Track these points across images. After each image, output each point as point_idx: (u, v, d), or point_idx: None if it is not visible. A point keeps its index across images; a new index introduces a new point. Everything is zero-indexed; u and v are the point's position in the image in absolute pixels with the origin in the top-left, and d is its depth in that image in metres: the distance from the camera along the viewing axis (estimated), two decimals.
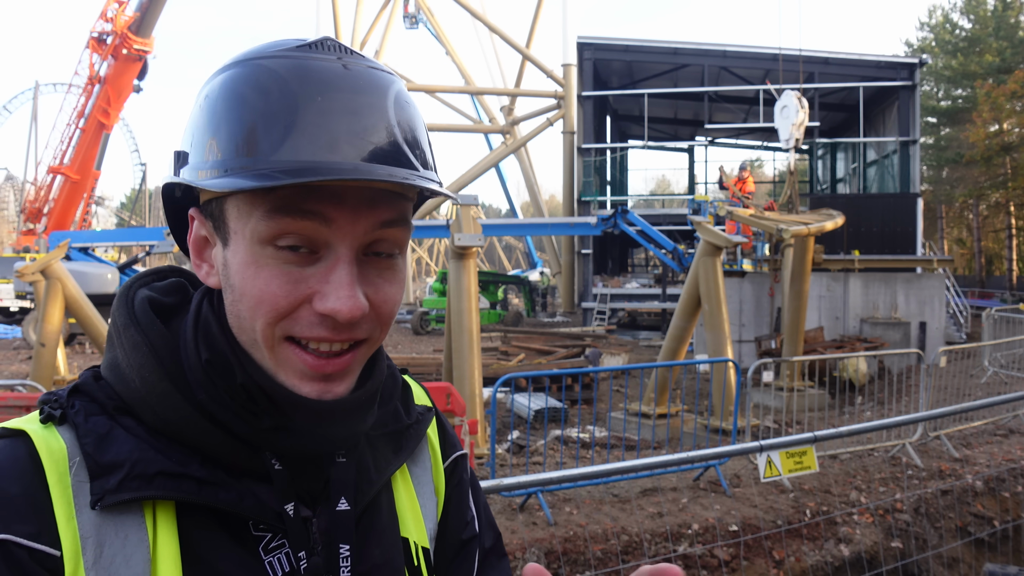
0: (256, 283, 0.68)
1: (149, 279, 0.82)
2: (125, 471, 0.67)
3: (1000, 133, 32.54)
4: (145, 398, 0.71)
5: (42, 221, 30.15)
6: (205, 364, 0.72)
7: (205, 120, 0.69)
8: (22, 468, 0.66)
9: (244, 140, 0.66)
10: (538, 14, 36.99)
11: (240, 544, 0.71)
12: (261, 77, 0.67)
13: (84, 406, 0.71)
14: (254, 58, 0.69)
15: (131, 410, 0.71)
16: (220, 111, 0.68)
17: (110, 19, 27.97)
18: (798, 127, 13.05)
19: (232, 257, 0.70)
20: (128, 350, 0.73)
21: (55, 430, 0.69)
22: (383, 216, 0.70)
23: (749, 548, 4.86)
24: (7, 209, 60.11)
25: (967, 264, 46.26)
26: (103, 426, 0.70)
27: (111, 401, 0.72)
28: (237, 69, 0.69)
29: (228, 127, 0.67)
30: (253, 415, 0.72)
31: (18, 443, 0.68)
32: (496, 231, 31.13)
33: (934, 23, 41.06)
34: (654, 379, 9.10)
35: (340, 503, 0.76)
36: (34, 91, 46.83)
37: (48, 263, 10.15)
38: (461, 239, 7.62)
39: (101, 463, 0.67)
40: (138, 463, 0.68)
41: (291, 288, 0.68)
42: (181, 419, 0.70)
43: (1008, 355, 12.52)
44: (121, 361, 0.73)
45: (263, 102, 0.66)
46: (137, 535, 0.67)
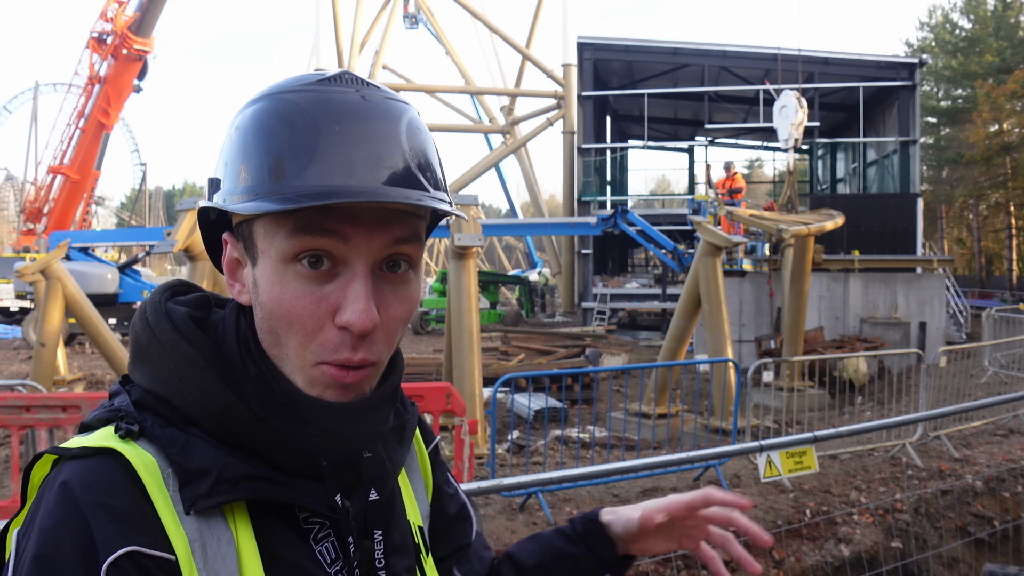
0: (283, 301, 0.74)
1: (171, 292, 0.87)
2: (214, 476, 0.73)
3: (1000, 133, 32.53)
4: (209, 410, 0.76)
5: (42, 221, 30.14)
6: (255, 379, 0.78)
7: (236, 149, 0.76)
8: (122, 483, 0.71)
9: (271, 167, 0.73)
10: (538, 14, 36.97)
11: (300, 537, 0.78)
12: (286, 110, 0.74)
13: (155, 420, 0.76)
14: (279, 92, 0.75)
15: (194, 421, 0.76)
16: (250, 141, 0.75)
17: (110, 19, 27.97)
18: (797, 127, 13.04)
19: (260, 276, 0.76)
20: (181, 365, 0.77)
21: (136, 445, 0.74)
22: (396, 234, 0.76)
23: (749, 548, 4.87)
24: (7, 209, 60.11)
25: (967, 264, 46.26)
26: (179, 437, 0.75)
27: (175, 414, 0.76)
28: (264, 103, 0.75)
29: (256, 156, 0.74)
30: (301, 424, 0.78)
31: (110, 460, 0.72)
32: (496, 231, 31.10)
33: (934, 23, 41.06)
34: (654, 379, 9.10)
35: (371, 494, 0.85)
36: (34, 91, 46.84)
37: (48, 263, 10.15)
38: (461, 239, 7.62)
39: (190, 470, 0.72)
40: (224, 468, 0.73)
41: (314, 307, 0.74)
42: (245, 426, 0.76)
43: (1008, 355, 12.52)
44: (170, 376, 0.77)
45: (288, 133, 0.73)
46: (227, 536, 0.73)
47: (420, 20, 38.46)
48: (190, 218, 8.79)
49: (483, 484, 3.62)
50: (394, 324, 0.78)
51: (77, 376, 12.34)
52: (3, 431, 7.89)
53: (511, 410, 10.21)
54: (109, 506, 0.69)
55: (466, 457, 5.85)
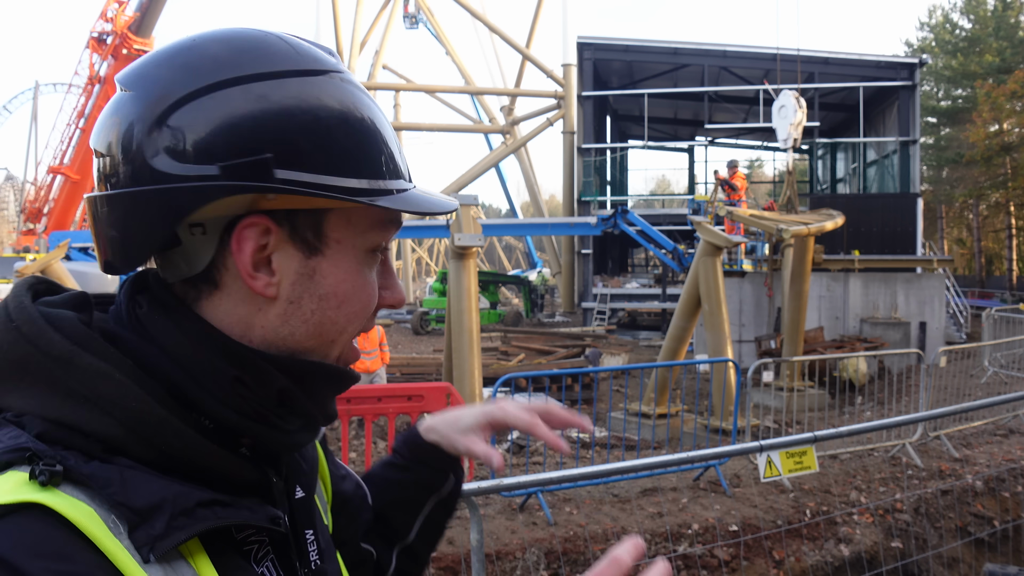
0: (365, 290, 0.74)
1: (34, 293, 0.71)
2: (168, 511, 0.61)
3: (1000, 133, 32.53)
4: (136, 430, 0.63)
5: (42, 221, 30.18)
6: (233, 381, 0.68)
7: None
8: (65, 544, 0.56)
9: (379, 163, 0.72)
10: (538, 14, 36.98)
11: (248, 561, 0.69)
12: (363, 103, 0.72)
13: (72, 455, 0.61)
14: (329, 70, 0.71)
15: (118, 448, 0.63)
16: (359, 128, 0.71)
17: (110, 19, 27.99)
18: (796, 127, 13.04)
19: (330, 266, 0.71)
20: (88, 382, 0.63)
21: (61, 492, 0.58)
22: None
23: (749, 548, 4.86)
24: (7, 209, 60.09)
25: (967, 264, 46.25)
26: (111, 471, 0.61)
27: (92, 444, 0.62)
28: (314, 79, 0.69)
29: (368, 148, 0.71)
30: (281, 419, 0.71)
31: (38, 519, 0.57)
32: (496, 231, 31.15)
33: (934, 23, 41.06)
34: (654, 379, 9.10)
35: (297, 492, 0.78)
36: (34, 91, 46.81)
37: (48, 263, 10.15)
38: (461, 239, 7.63)
39: (137, 509, 0.60)
40: (177, 499, 0.61)
41: (375, 291, 0.76)
42: (185, 445, 0.65)
43: (1008, 355, 12.52)
44: (71, 396, 0.63)
45: (374, 128, 0.72)
46: (190, 574, 0.62)
47: (420, 20, 38.47)
48: None
49: (483, 484, 3.62)
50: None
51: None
52: None
53: None
54: (70, 574, 0.55)
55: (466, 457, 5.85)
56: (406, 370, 13.64)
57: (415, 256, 59.76)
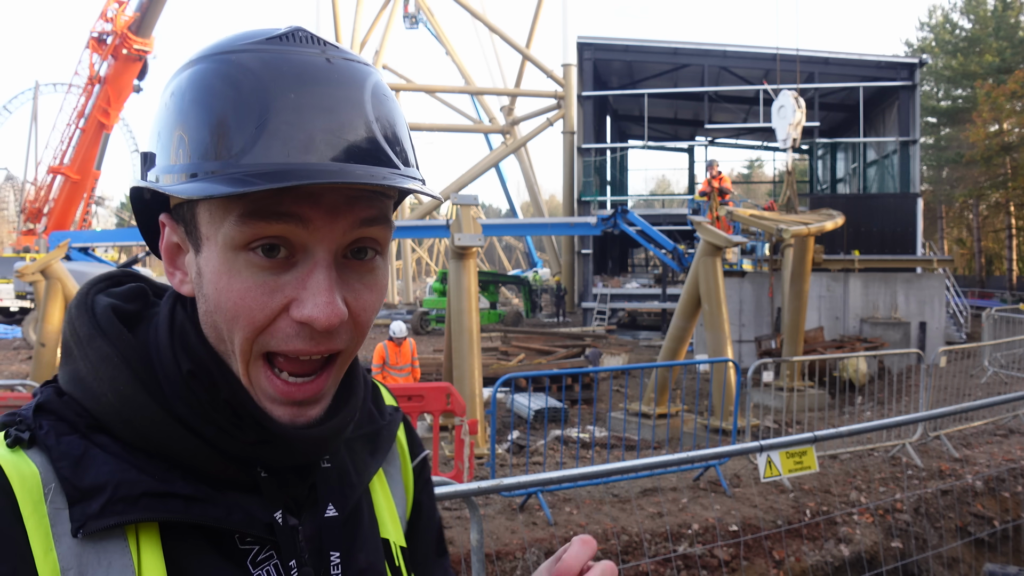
0: (231, 294, 0.64)
1: (105, 284, 0.77)
2: (108, 494, 0.62)
3: (1000, 133, 32.55)
4: (120, 412, 0.66)
5: (42, 221, 30.15)
6: (187, 375, 0.68)
7: (172, 120, 0.65)
8: None
9: (214, 141, 0.62)
10: (538, 14, 37.01)
11: (229, 560, 0.68)
12: (231, 72, 0.63)
13: (53, 426, 0.65)
14: (223, 52, 0.65)
15: (104, 426, 0.66)
16: (188, 110, 0.64)
17: (110, 19, 27.97)
18: (795, 127, 13.05)
19: (205, 264, 0.66)
20: (95, 362, 0.68)
21: (24, 454, 0.64)
22: (362, 214, 0.66)
23: (749, 548, 4.86)
24: (7, 209, 60.09)
25: (967, 264, 46.26)
26: (77, 447, 0.64)
27: (81, 419, 0.66)
28: (205, 64, 0.65)
29: (197, 127, 0.63)
30: (238, 429, 0.68)
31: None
32: (496, 231, 31.15)
33: (934, 23, 41.07)
34: (654, 379, 9.10)
35: (328, 510, 0.75)
36: (34, 91, 46.79)
37: (48, 263, 10.14)
38: (461, 239, 7.63)
39: (80, 487, 0.62)
40: (121, 485, 0.63)
41: (267, 299, 0.64)
42: (162, 432, 0.66)
43: (1008, 355, 12.52)
44: (87, 374, 0.68)
45: (234, 100, 0.62)
46: (121, 561, 0.62)
47: (420, 20, 38.48)
48: None
49: (483, 484, 3.62)
50: (365, 315, 0.69)
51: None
52: None
53: (511, 410, 10.21)
54: None
55: (466, 457, 5.85)
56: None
57: (415, 256, 59.77)
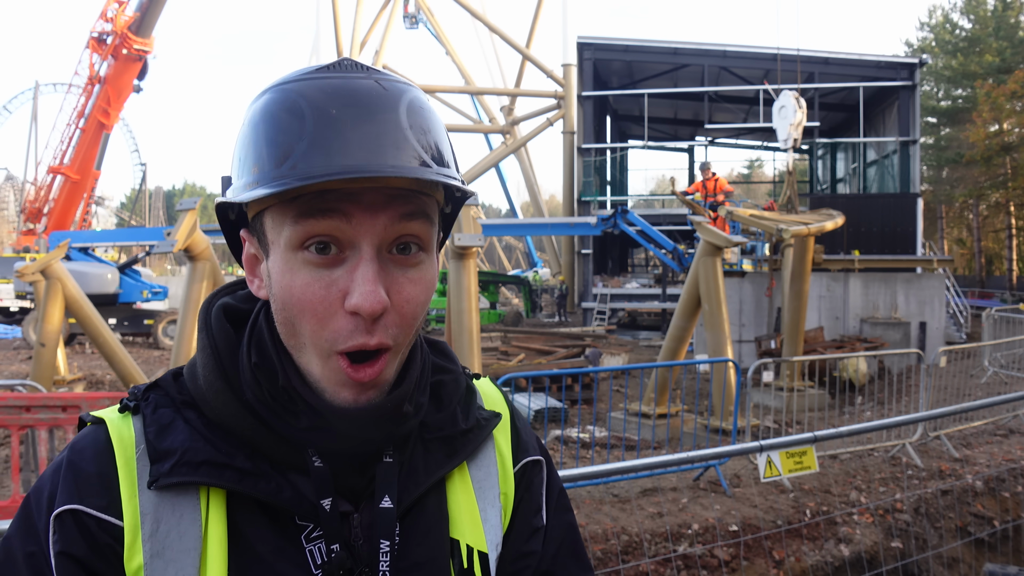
0: (293, 290, 0.74)
1: (234, 288, 0.91)
2: (176, 458, 0.76)
3: (1000, 133, 32.53)
4: (205, 394, 0.81)
5: (42, 221, 30.13)
6: (253, 367, 0.80)
7: (244, 144, 0.77)
8: (98, 450, 0.78)
9: (270, 157, 0.73)
10: (538, 14, 36.98)
11: (282, 532, 0.78)
12: (286, 99, 0.74)
13: (156, 399, 0.82)
14: (282, 84, 0.76)
15: (195, 405, 0.81)
16: (251, 135, 0.76)
17: (110, 19, 27.95)
18: (796, 127, 13.05)
19: (272, 267, 0.77)
20: (200, 350, 0.84)
21: (129, 419, 0.81)
22: (400, 210, 0.74)
23: (749, 548, 4.86)
24: (7, 209, 60.10)
25: (967, 264, 46.26)
26: (167, 417, 0.80)
27: (180, 396, 0.82)
28: (268, 95, 0.76)
29: (260, 146, 0.74)
30: (293, 415, 0.79)
31: (100, 430, 0.81)
32: (496, 231, 31.12)
33: (934, 23, 41.06)
34: (654, 379, 9.10)
35: (384, 501, 0.81)
36: (34, 91, 46.82)
37: (48, 263, 10.14)
38: (461, 239, 7.62)
39: (159, 449, 0.77)
40: (188, 452, 0.77)
41: (324, 292, 0.74)
42: (231, 414, 0.79)
43: (1008, 355, 12.52)
44: (196, 361, 0.84)
45: (288, 121, 0.72)
46: (191, 515, 0.76)
47: (420, 20, 38.45)
48: (190, 218, 8.78)
49: None
50: (409, 307, 0.77)
51: (77, 376, 12.33)
52: (3, 431, 7.89)
53: None
54: (78, 467, 0.78)
55: None
56: None
57: None
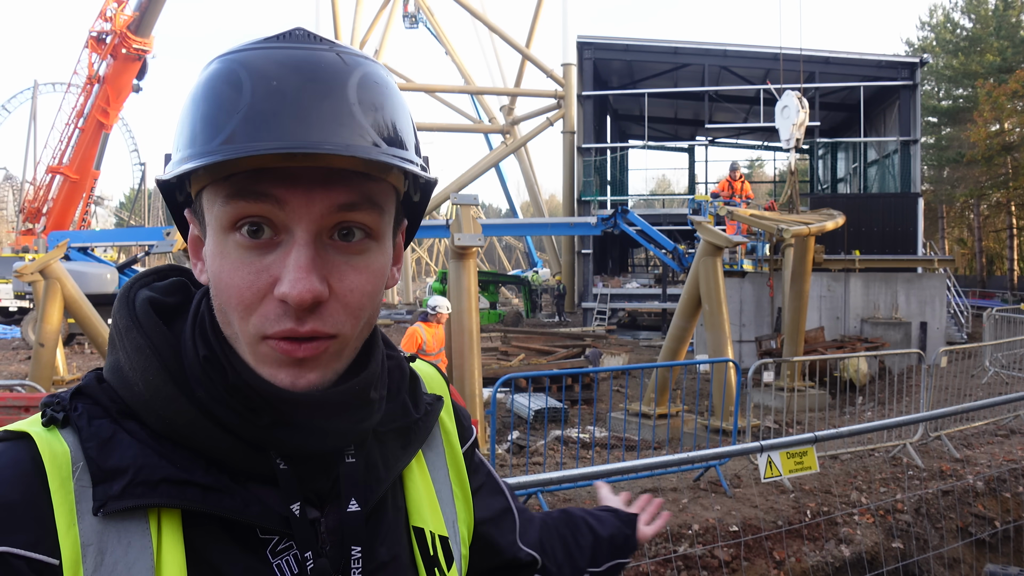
0: (223, 274, 0.68)
1: (150, 279, 0.81)
2: (129, 477, 0.66)
3: (1001, 133, 32.54)
4: (149, 402, 0.70)
5: (41, 221, 30.14)
6: (203, 362, 0.72)
7: (180, 118, 0.70)
8: (23, 472, 0.65)
9: (203, 131, 0.66)
10: (538, 14, 36.98)
11: (247, 549, 0.70)
12: (228, 69, 0.67)
13: (87, 409, 0.70)
14: (225, 54, 0.69)
15: (135, 414, 0.70)
16: (188, 108, 0.69)
17: (109, 18, 27.96)
18: (799, 127, 13.03)
19: (207, 249, 0.71)
20: (131, 353, 0.72)
21: (58, 433, 0.69)
22: (341, 198, 0.68)
23: (749, 548, 4.85)
24: (6, 209, 60.11)
25: (968, 264, 46.25)
26: (106, 430, 0.69)
27: (114, 404, 0.71)
28: (212, 65, 0.69)
29: (192, 121, 0.67)
30: (252, 412, 0.70)
31: (21, 446, 0.67)
32: (496, 231, 31.13)
33: (935, 22, 41.06)
34: (654, 379, 9.09)
35: (351, 504, 0.76)
36: (33, 90, 46.81)
37: (47, 263, 10.13)
38: (461, 239, 7.61)
39: (104, 468, 0.66)
40: (142, 469, 0.67)
41: (254, 279, 0.67)
42: (185, 422, 0.69)
43: (1009, 355, 12.50)
44: (124, 364, 0.72)
45: (226, 93, 0.66)
46: (140, 542, 0.66)
47: (420, 20, 38.47)
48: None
49: None
50: (353, 296, 0.70)
51: (76, 376, 12.33)
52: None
53: (511, 410, 10.20)
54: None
55: None
56: None
57: (415, 256, 59.77)
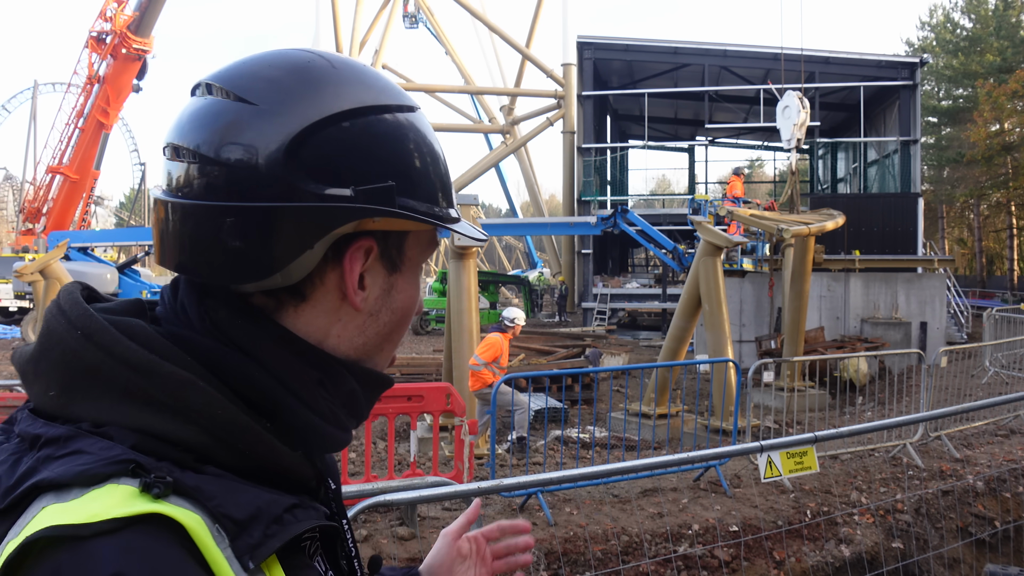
0: (415, 301, 0.81)
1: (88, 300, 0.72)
2: (264, 520, 0.62)
3: (1001, 133, 32.53)
4: (224, 439, 0.65)
5: (41, 221, 30.15)
6: (317, 384, 0.73)
7: (412, 154, 0.76)
8: (186, 560, 0.57)
9: (443, 189, 0.79)
10: (538, 14, 36.97)
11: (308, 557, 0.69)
12: (427, 129, 0.79)
13: (170, 468, 0.61)
14: (413, 106, 0.78)
15: (207, 457, 0.64)
16: (419, 154, 0.76)
17: (109, 18, 27.98)
18: (799, 127, 13.03)
19: (404, 282, 0.79)
20: (172, 392, 0.64)
21: (170, 504, 0.59)
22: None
23: (749, 548, 4.85)
24: (6, 209, 60.10)
25: (968, 264, 46.24)
26: (211, 483, 0.62)
27: (186, 455, 0.63)
28: (411, 115, 0.77)
29: (433, 174, 0.78)
30: (347, 420, 0.77)
31: (158, 531, 0.57)
32: (496, 231, 31.11)
33: (935, 22, 41.06)
34: (654, 379, 9.08)
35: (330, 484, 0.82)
36: (33, 90, 46.82)
37: (47, 263, 10.14)
38: (461, 239, 7.60)
39: (238, 520, 0.61)
40: (269, 506, 0.63)
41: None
42: (269, 450, 0.67)
43: (1009, 355, 12.49)
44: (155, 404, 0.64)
45: (437, 155, 0.79)
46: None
47: (420, 20, 38.47)
48: None
49: (483, 484, 3.60)
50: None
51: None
52: None
53: (511, 410, 10.18)
54: None
55: (466, 457, 5.83)
56: (406, 370, 13.63)
57: None
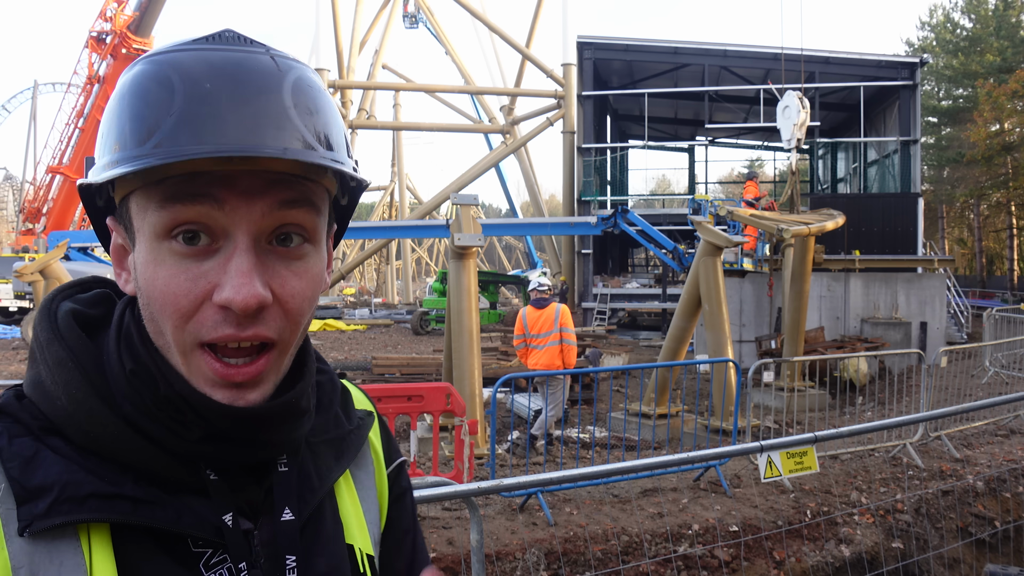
0: (157, 283, 0.67)
1: (72, 291, 0.78)
2: (55, 495, 0.64)
3: (1001, 133, 32.53)
4: (72, 416, 0.68)
5: (41, 221, 30.18)
6: (129, 375, 0.70)
7: (105, 120, 0.69)
8: None
9: (133, 134, 0.65)
10: (538, 14, 36.94)
11: (180, 563, 0.69)
12: (157, 71, 0.66)
13: (7, 428, 0.68)
14: (153, 55, 0.68)
15: (59, 429, 0.68)
16: (115, 109, 0.67)
17: (109, 18, 28.02)
18: (800, 127, 13.02)
19: (137, 258, 0.69)
20: (53, 367, 0.70)
21: None
22: (280, 196, 0.67)
23: (749, 548, 4.85)
24: (6, 209, 60.12)
25: (968, 264, 46.25)
26: (28, 448, 0.66)
27: (36, 421, 0.69)
28: (139, 66, 0.68)
29: (120, 123, 0.66)
30: (182, 426, 0.69)
31: None
32: (496, 231, 31.15)
33: (935, 22, 41.07)
34: (654, 379, 9.08)
35: (284, 513, 0.75)
36: (33, 90, 46.83)
37: (47, 263, 10.14)
38: (461, 239, 7.61)
39: (28, 487, 0.64)
40: (68, 485, 0.65)
41: (191, 286, 0.66)
42: (111, 436, 0.68)
43: (1009, 355, 12.50)
44: (45, 379, 0.70)
45: (156, 95, 0.65)
46: (73, 560, 0.64)
47: (420, 20, 38.48)
48: None
49: (483, 484, 3.60)
50: (295, 302, 0.70)
51: None
52: None
53: (511, 410, 10.20)
54: None
55: (466, 457, 5.84)
56: (406, 370, 13.64)
57: (415, 256, 59.77)
